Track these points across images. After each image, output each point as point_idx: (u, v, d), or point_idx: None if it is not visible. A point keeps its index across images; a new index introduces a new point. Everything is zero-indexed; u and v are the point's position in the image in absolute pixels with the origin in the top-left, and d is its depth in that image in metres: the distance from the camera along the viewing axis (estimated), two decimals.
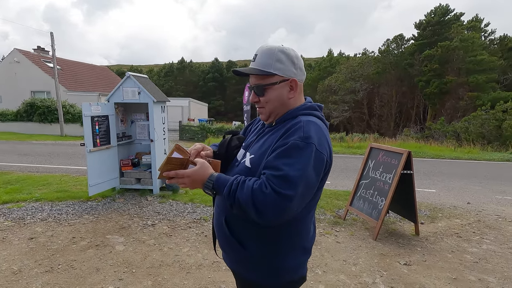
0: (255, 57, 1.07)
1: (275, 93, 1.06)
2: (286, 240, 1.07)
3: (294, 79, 1.07)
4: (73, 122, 16.55)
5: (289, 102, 1.09)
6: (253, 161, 1.06)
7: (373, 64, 31.03)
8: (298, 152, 0.93)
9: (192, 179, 1.01)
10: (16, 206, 4.18)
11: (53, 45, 15.79)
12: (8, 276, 2.53)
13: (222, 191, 0.97)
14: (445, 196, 5.72)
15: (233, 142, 1.27)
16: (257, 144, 1.11)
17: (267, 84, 1.05)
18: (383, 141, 14.95)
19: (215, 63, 48.56)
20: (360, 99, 30.57)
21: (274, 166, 0.94)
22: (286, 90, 1.07)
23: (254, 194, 0.91)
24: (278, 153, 0.96)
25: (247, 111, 6.29)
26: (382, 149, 3.88)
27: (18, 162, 7.82)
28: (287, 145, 0.95)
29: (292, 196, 0.90)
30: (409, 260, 3.01)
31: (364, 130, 27.40)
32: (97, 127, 4.28)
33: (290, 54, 1.06)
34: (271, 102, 1.07)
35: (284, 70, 1.04)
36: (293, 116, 1.06)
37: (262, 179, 0.94)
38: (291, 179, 0.90)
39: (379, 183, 3.73)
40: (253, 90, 1.10)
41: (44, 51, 24.61)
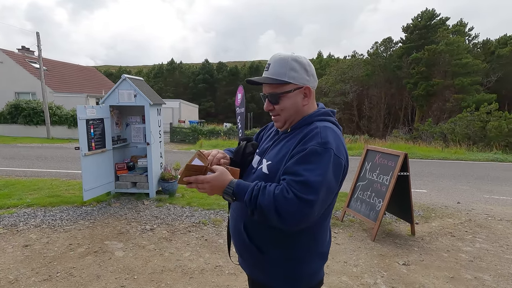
0: (269, 66, 1.09)
1: (289, 101, 1.08)
2: (304, 245, 1.08)
3: (308, 86, 1.09)
4: (60, 124, 16.14)
5: (303, 109, 1.11)
6: (270, 167, 1.07)
7: (362, 67, 31.59)
8: (317, 158, 0.95)
9: (212, 185, 1.02)
10: (7, 213, 4.04)
11: (39, 45, 15.38)
12: (4, 285, 2.44)
13: (243, 197, 0.98)
14: (436, 196, 5.88)
15: (248, 149, 1.28)
16: (273, 151, 1.12)
17: (282, 93, 1.07)
18: (373, 142, 15.21)
19: (206, 64, 48.36)
20: (350, 100, 31.02)
21: (294, 172, 0.95)
22: (300, 97, 1.09)
23: (276, 200, 0.92)
24: (298, 159, 0.97)
25: (241, 114, 6.25)
26: (379, 151, 3.96)
27: (4, 166, 7.57)
28: (305, 151, 0.96)
29: (314, 201, 0.91)
30: (408, 260, 3.08)
31: (354, 132, 27.81)
32: (92, 130, 4.20)
33: (303, 62, 1.08)
34: (286, 110, 1.09)
35: (298, 78, 1.07)
36: (309, 122, 1.08)
37: (283, 184, 0.95)
38: (313, 184, 0.91)
39: (376, 185, 3.80)
40: (267, 99, 1.11)
41: (29, 51, 23.93)
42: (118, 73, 47.63)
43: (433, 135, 18.16)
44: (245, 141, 1.34)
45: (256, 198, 0.95)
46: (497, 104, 18.04)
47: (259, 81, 1.09)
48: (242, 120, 6.15)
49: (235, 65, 50.07)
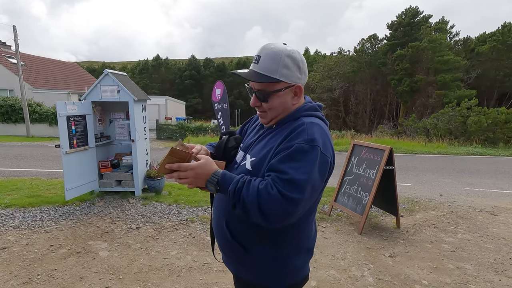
0: (258, 59, 1.01)
1: (279, 100, 1.03)
2: (289, 241, 1.06)
3: (299, 85, 1.04)
4: (40, 122, 15.56)
5: (292, 107, 1.07)
6: (254, 164, 1.03)
7: (349, 63, 32.00)
8: (303, 156, 0.91)
9: (196, 173, 0.96)
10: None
11: (16, 39, 14.71)
12: None
13: (227, 188, 0.94)
14: (420, 190, 6.03)
15: (230, 143, 1.23)
16: (257, 146, 1.07)
17: (272, 91, 1.01)
18: (360, 138, 15.47)
19: (192, 61, 47.69)
20: (337, 97, 31.41)
21: (279, 169, 0.91)
22: (290, 96, 1.04)
23: (260, 195, 0.89)
24: (283, 156, 0.93)
25: (223, 109, 5.97)
26: (365, 146, 4.01)
27: None
28: (292, 148, 0.93)
29: (299, 199, 0.88)
30: (393, 252, 3.15)
31: (341, 127, 28.21)
32: (73, 127, 4.05)
33: (296, 59, 1.01)
34: (274, 109, 1.05)
35: (290, 76, 1.00)
36: (295, 118, 1.04)
37: (268, 180, 0.91)
38: (298, 182, 0.88)
39: (362, 179, 3.85)
40: (254, 94, 1.06)
41: (5, 46, 22.89)
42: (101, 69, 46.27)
43: (417, 130, 18.64)
44: (227, 135, 1.28)
45: (240, 191, 0.92)
46: (477, 100, 18.68)
47: (247, 77, 1.01)
48: (225, 116, 5.93)
49: (222, 61, 49.65)
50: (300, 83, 1.04)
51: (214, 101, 5.82)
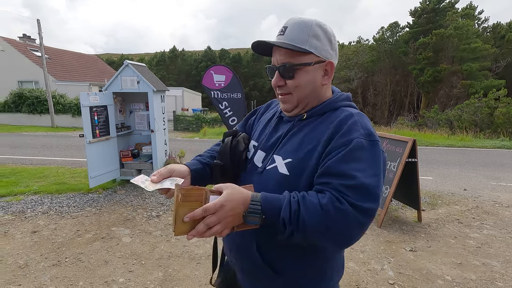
0: (285, 30, 0.85)
1: (307, 77, 0.85)
2: (326, 259, 0.90)
3: (331, 61, 0.87)
4: (63, 113, 16.17)
5: (322, 89, 0.89)
6: (292, 166, 0.83)
7: (368, 53, 30.99)
8: (366, 154, 0.76)
9: (229, 209, 0.70)
10: (14, 199, 4.08)
11: (40, 32, 15.21)
12: (14, 270, 2.48)
13: (278, 214, 0.72)
14: (442, 183, 5.83)
15: (240, 146, 0.99)
16: (289, 144, 0.88)
17: (299, 64, 0.83)
18: (378, 130, 15.08)
19: (208, 52, 47.74)
20: (355, 87, 30.61)
21: (342, 173, 0.73)
22: (320, 74, 0.87)
23: (327, 214, 0.70)
24: (342, 156, 0.75)
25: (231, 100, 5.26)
26: (386, 138, 3.89)
27: (11, 155, 7.63)
28: (351, 145, 0.75)
29: (374, 210, 0.73)
30: (414, 246, 3.07)
31: None
32: (96, 117, 4.17)
33: (328, 31, 0.87)
34: (301, 87, 0.86)
35: (321, 49, 0.84)
36: (334, 108, 0.88)
37: (329, 191, 0.73)
38: (370, 188, 0.72)
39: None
40: (277, 71, 0.87)
41: (30, 39, 23.75)
42: (120, 61, 47.30)
43: (439, 122, 17.93)
44: (231, 136, 1.03)
45: (297, 215, 0.71)
46: (506, 90, 17.67)
47: (274, 43, 0.84)
48: (236, 107, 5.46)
49: (238, 52, 49.39)
50: (332, 60, 0.88)
51: (211, 88, 4.99)
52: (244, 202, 0.72)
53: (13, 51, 20.79)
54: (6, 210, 3.73)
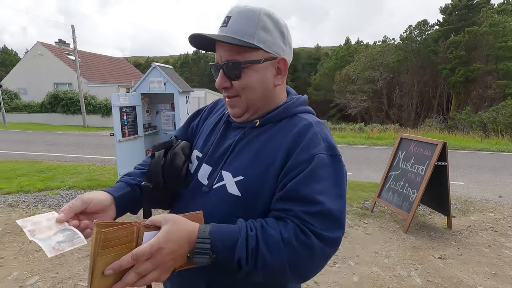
0: (228, 21, 0.71)
1: (256, 76, 0.71)
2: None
3: (284, 58, 0.74)
4: (94, 113, 17.05)
5: (275, 91, 0.76)
6: (244, 186, 0.69)
7: (393, 52, 29.94)
8: (329, 172, 0.66)
9: (171, 250, 0.56)
10: (51, 194, 4.37)
11: (74, 37, 16.16)
12: (52, 259, 2.65)
13: (233, 253, 0.59)
14: (475, 189, 5.51)
15: (178, 159, 0.80)
16: (240, 158, 0.73)
17: (246, 62, 0.70)
18: (404, 132, 14.52)
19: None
20: (379, 88, 29.70)
21: (304, 197, 0.63)
22: (272, 73, 0.74)
23: (290, 250, 0.60)
24: (304, 176, 0.64)
25: None
26: (414, 140, 3.75)
27: (47, 152, 8.16)
28: (312, 162, 0.65)
29: (341, 238, 0.65)
30: (444, 254, 2.94)
31: (383, 121, 26.73)
32: (125, 117, 4.36)
33: (279, 22, 0.73)
34: (250, 89, 0.72)
35: (271, 44, 0.71)
36: (291, 114, 0.75)
37: (290, 220, 0.63)
38: (336, 214, 0.64)
39: (410, 175, 3.62)
40: (222, 69, 0.72)
41: (64, 44, 25.28)
42: (147, 63, 49.15)
43: (472, 124, 16.96)
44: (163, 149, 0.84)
45: (255, 253, 0.59)
46: None
47: (214, 37, 0.69)
48: None
49: None
50: (285, 57, 0.75)
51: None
52: (189, 240, 0.58)
53: (50, 55, 22.25)
54: (44, 203, 4.00)
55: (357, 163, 7.80)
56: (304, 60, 48.89)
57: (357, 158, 8.63)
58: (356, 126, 16.37)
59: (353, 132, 15.15)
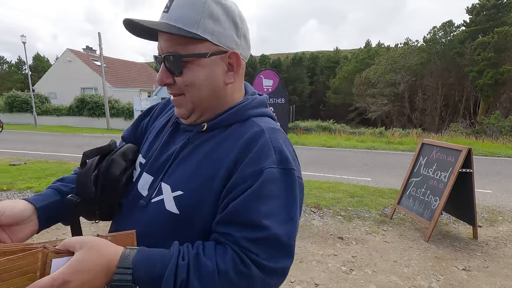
0: (170, 5, 0.60)
1: (202, 72, 0.61)
2: None
3: (236, 52, 0.63)
4: (117, 117, 17.72)
5: (226, 90, 0.65)
6: (183, 203, 0.60)
7: (416, 55, 29.02)
8: (279, 189, 0.57)
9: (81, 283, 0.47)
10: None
11: (101, 44, 16.93)
12: None
13: (159, 286, 0.51)
14: (504, 198, 5.21)
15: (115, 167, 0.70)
16: (182, 168, 0.63)
17: (189, 55, 0.60)
18: (428, 137, 14.00)
19: (249, 58, 48.73)
20: (401, 92, 28.85)
21: (248, 221, 0.55)
22: (222, 69, 0.63)
23: (226, 282, 0.53)
24: (249, 195, 0.55)
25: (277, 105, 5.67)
26: (436, 145, 3.62)
27: (74, 153, 8.57)
28: (260, 178, 0.56)
29: (288, 267, 0.57)
30: (468, 266, 2.80)
31: (405, 125, 25.88)
32: None
33: (231, 9, 0.62)
34: (194, 87, 0.62)
35: (220, 35, 0.60)
36: (243, 118, 0.65)
37: (230, 246, 0.55)
38: (283, 240, 0.55)
39: (432, 182, 3.49)
40: (163, 63, 0.62)
41: (91, 50, 26.55)
42: None
43: (501, 129, 16.06)
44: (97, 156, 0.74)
45: (186, 286, 0.52)
46: None
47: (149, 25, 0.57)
48: (280, 112, 5.62)
49: (278, 57, 49.69)
50: (238, 51, 0.63)
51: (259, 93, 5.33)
52: (107, 271, 0.49)
53: (78, 61, 23.46)
54: None
55: (376, 169, 7.61)
56: (323, 63, 48.46)
57: (376, 163, 8.42)
58: (376, 131, 15.97)
59: (373, 137, 14.78)
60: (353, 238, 3.28)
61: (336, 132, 16.15)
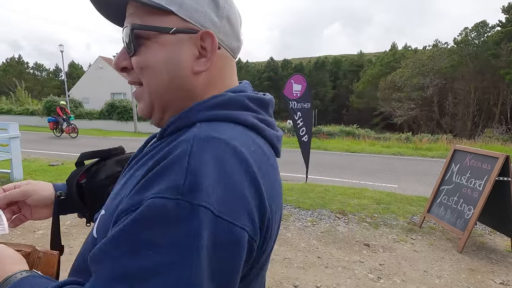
0: None
1: (162, 53, 0.48)
2: None
3: (210, 32, 0.48)
4: (144, 120, 18.40)
5: (195, 81, 0.49)
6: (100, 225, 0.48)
7: (446, 57, 27.78)
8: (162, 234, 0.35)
9: None
10: None
11: None
12: None
13: None
14: None
15: (102, 173, 0.70)
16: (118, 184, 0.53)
17: (147, 27, 0.47)
18: (459, 143, 13.31)
19: (271, 62, 49.02)
20: (430, 96, 27.71)
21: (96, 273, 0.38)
22: (190, 52, 0.48)
23: None
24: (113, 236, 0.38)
25: (304, 110, 5.25)
26: (470, 152, 3.47)
27: None
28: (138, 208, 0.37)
29: None
30: (507, 280, 2.64)
31: (433, 130, 24.77)
32: None
33: None
34: (150, 70, 0.48)
35: (192, 10, 0.47)
36: (190, 122, 0.47)
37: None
38: None
39: (465, 190, 3.34)
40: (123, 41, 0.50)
41: None
42: None
43: None
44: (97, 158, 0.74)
45: None
46: None
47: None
48: (306, 118, 5.58)
49: (300, 62, 49.56)
50: (214, 32, 0.48)
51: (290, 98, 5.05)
52: None
53: (108, 68, 24.75)
54: None
55: (403, 175, 7.36)
56: (346, 67, 47.65)
57: (403, 169, 8.14)
58: (403, 136, 15.42)
59: (399, 142, 14.28)
60: (380, 246, 3.20)
61: (360, 137, 15.77)
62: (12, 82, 30.16)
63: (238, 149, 0.42)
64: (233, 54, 0.55)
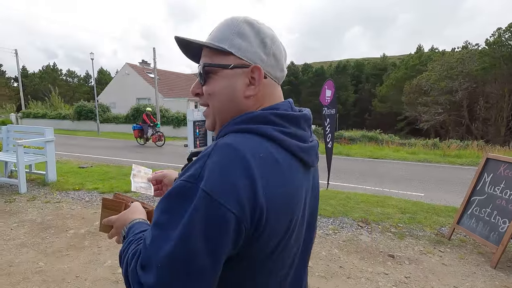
0: (213, 30, 0.70)
1: (223, 82, 0.65)
2: None
3: (258, 66, 0.64)
4: (167, 125, 19.00)
5: (245, 104, 0.66)
6: None
7: (477, 59, 26.40)
8: (177, 204, 0.54)
9: (116, 226, 0.79)
10: (134, 195, 5.02)
11: (155, 58, 18.52)
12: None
13: None
14: None
15: None
16: None
17: (213, 65, 0.65)
18: (492, 150, 12.55)
19: (291, 67, 48.89)
20: (459, 100, 26.38)
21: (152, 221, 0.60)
22: (243, 82, 0.65)
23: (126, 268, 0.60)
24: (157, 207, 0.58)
25: (331, 116, 5.55)
26: (505, 161, 3.28)
27: (131, 158, 9.40)
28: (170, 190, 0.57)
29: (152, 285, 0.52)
30: None
31: (463, 136, 23.53)
32: (197, 130, 4.82)
33: (263, 31, 0.67)
34: (215, 95, 0.66)
35: (245, 51, 0.65)
36: (224, 133, 0.64)
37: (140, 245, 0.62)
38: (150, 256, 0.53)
39: (499, 201, 3.16)
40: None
41: (146, 64, 29.04)
42: None
43: None
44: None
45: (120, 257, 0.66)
46: None
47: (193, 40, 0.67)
48: (332, 123, 5.54)
49: (321, 66, 49.04)
50: (261, 66, 0.65)
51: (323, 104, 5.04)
52: (123, 226, 0.75)
53: (134, 74, 25.80)
54: None
55: (430, 183, 7.05)
56: (369, 71, 46.57)
57: (430, 177, 7.80)
58: (429, 142, 14.76)
59: (426, 148, 13.70)
60: (405, 257, 3.09)
61: (384, 142, 15.28)
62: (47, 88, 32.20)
63: (242, 152, 0.55)
64: (278, 81, 0.71)
